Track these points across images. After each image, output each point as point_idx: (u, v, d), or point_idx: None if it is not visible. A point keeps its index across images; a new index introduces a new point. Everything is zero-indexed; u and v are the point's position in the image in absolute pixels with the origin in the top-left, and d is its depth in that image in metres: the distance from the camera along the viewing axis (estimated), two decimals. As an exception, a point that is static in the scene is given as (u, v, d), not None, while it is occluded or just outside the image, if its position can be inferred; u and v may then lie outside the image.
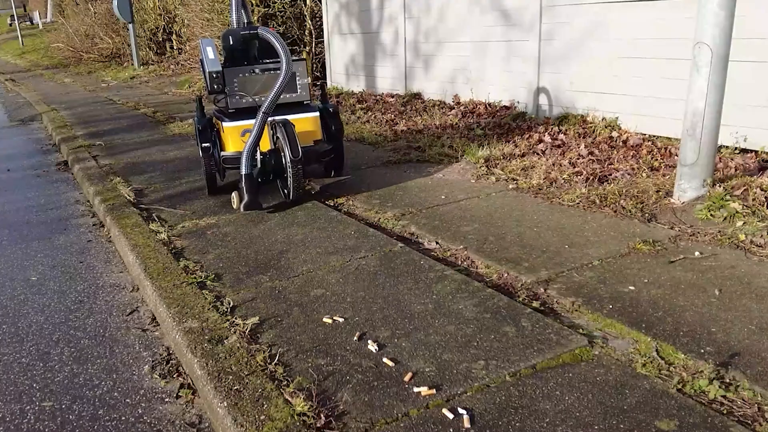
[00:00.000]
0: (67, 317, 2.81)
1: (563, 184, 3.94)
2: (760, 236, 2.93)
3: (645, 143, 4.58)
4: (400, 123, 6.31)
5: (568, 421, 1.77)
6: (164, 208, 4.03)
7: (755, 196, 3.30)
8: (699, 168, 3.44)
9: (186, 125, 7.00)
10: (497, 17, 6.15)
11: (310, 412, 1.85)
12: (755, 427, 1.72)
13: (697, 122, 3.36)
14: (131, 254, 3.21)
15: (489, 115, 6.11)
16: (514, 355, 2.09)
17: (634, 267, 2.74)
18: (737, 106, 4.09)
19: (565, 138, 4.94)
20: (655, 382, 1.93)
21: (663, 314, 2.33)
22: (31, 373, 2.37)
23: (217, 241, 3.34)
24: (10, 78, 15.57)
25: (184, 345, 2.29)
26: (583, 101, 5.36)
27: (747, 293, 2.46)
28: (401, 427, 1.78)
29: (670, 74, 4.60)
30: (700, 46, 3.26)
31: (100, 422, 2.05)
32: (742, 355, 2.05)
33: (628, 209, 3.41)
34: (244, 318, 2.45)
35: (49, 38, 22.04)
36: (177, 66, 13.68)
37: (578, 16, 5.25)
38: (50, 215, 4.36)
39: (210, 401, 2.00)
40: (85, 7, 18.60)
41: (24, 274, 3.33)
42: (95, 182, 4.72)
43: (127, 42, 15.45)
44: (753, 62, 4.06)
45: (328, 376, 2.05)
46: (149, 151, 5.85)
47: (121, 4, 13.49)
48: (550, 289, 2.59)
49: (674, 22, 4.51)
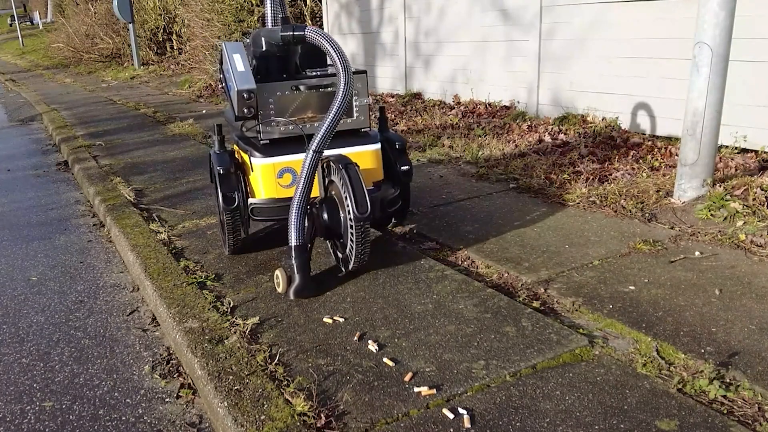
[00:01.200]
0: (67, 317, 2.81)
1: (563, 184, 3.94)
2: (760, 236, 2.93)
3: (645, 143, 4.58)
4: (400, 123, 6.31)
5: (569, 421, 1.77)
6: (164, 208, 4.03)
7: (755, 196, 3.30)
8: (699, 168, 3.44)
9: (186, 125, 7.01)
10: (497, 17, 6.16)
11: (311, 412, 1.85)
12: (755, 427, 1.72)
13: (697, 122, 3.36)
14: (131, 254, 3.21)
15: (489, 114, 6.11)
16: (514, 355, 2.09)
17: (635, 267, 2.74)
18: (737, 105, 4.09)
19: (565, 138, 4.94)
20: (656, 382, 1.93)
21: (663, 314, 2.33)
22: (32, 373, 2.37)
23: (217, 241, 3.34)
24: (11, 78, 15.58)
25: (185, 345, 2.29)
26: (583, 101, 5.36)
27: (747, 293, 2.46)
28: (401, 427, 1.78)
29: (670, 74, 4.60)
30: (700, 46, 3.26)
31: (101, 422, 2.05)
32: (743, 354, 2.05)
33: (628, 209, 3.41)
34: (245, 318, 2.45)
35: (50, 38, 22.05)
36: (177, 66, 13.69)
37: (578, 15, 5.25)
38: (50, 215, 4.37)
39: (210, 401, 2.00)
40: (85, 7, 18.60)
41: (24, 274, 3.33)
42: (95, 182, 4.72)
43: (127, 42, 15.46)
44: (753, 62, 4.06)
45: (329, 376, 2.05)
46: (149, 151, 5.85)
47: (121, 4, 13.49)
48: (551, 289, 2.59)
49: (674, 21, 4.51)
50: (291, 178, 2.86)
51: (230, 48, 2.82)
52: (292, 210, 2.58)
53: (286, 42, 2.70)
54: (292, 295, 2.57)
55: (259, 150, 2.84)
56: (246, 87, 2.68)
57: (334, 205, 2.70)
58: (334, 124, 2.53)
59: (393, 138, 3.12)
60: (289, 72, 2.96)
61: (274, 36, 2.74)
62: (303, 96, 2.87)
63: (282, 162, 2.84)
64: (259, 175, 2.84)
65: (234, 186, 2.88)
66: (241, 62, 2.75)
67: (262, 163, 2.83)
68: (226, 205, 2.84)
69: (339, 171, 2.56)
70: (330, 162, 2.68)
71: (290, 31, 2.65)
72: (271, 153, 2.83)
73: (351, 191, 2.51)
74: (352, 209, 2.50)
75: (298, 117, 2.89)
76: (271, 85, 2.81)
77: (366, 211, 2.50)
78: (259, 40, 2.88)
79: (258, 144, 2.87)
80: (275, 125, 2.86)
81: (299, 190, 2.58)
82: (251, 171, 2.88)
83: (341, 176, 2.55)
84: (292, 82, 2.84)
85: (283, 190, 2.85)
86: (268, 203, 2.86)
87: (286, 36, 2.67)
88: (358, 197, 2.51)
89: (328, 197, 2.76)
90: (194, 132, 6.64)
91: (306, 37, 2.62)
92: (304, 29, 2.62)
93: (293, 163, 2.84)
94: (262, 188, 2.86)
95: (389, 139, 3.11)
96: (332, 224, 2.71)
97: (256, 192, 2.89)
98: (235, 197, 2.85)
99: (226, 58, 2.80)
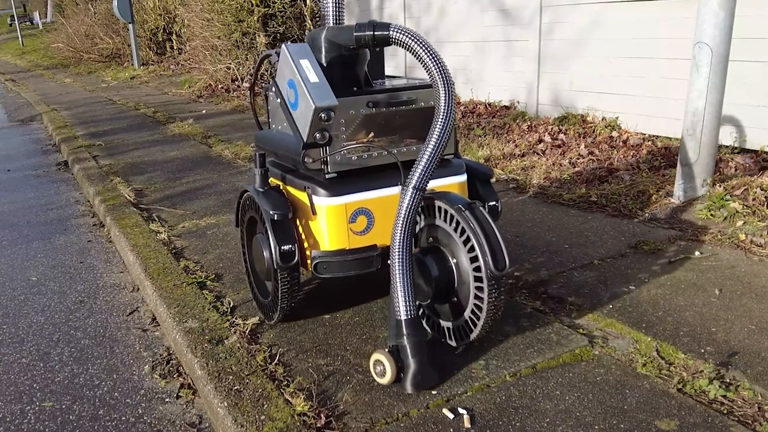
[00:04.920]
0: (67, 317, 2.81)
1: (563, 183, 3.94)
2: (760, 236, 2.93)
3: (645, 143, 4.58)
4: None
5: (569, 421, 1.77)
6: (164, 208, 4.03)
7: (755, 196, 3.30)
8: (699, 168, 3.44)
9: (186, 125, 7.01)
10: (497, 17, 6.16)
11: (311, 412, 1.85)
12: (755, 427, 1.72)
13: (697, 122, 3.36)
14: (131, 254, 3.21)
15: (489, 114, 6.11)
16: (514, 355, 2.09)
17: (634, 267, 2.74)
18: (737, 105, 4.09)
19: (565, 138, 4.94)
20: (656, 381, 1.93)
21: (663, 314, 2.33)
22: (32, 373, 2.37)
23: (217, 241, 3.34)
24: (11, 78, 15.58)
25: (185, 345, 2.29)
26: (583, 101, 5.36)
27: (747, 293, 2.46)
28: (401, 427, 1.78)
29: (670, 74, 4.60)
30: (700, 46, 3.26)
31: (101, 422, 2.05)
32: (742, 354, 2.05)
33: (628, 209, 3.42)
34: (245, 318, 2.45)
35: (49, 38, 22.04)
36: (177, 66, 13.68)
37: (578, 15, 5.25)
38: (50, 215, 4.36)
39: (210, 401, 2.00)
40: (85, 7, 18.60)
41: (24, 274, 3.33)
42: (95, 182, 4.72)
43: (127, 42, 15.46)
44: (753, 62, 4.06)
45: (329, 376, 2.05)
46: (149, 151, 5.85)
47: (121, 4, 13.49)
48: (551, 288, 2.59)
49: (674, 21, 4.51)
50: (366, 223, 2.22)
51: (295, 51, 2.16)
52: (396, 269, 1.98)
53: (361, 45, 2.11)
54: (409, 389, 1.94)
55: (323, 186, 2.17)
56: (326, 104, 2.05)
57: (442, 257, 2.11)
58: (438, 152, 1.97)
59: (475, 167, 2.50)
60: (357, 83, 2.32)
61: (343, 37, 2.17)
62: (382, 114, 2.23)
63: (356, 201, 2.19)
64: (324, 220, 2.18)
65: (293, 236, 2.19)
66: (313, 71, 2.12)
67: (329, 204, 2.17)
68: (284, 262, 2.15)
69: (462, 214, 2.00)
70: (436, 202, 2.10)
71: (368, 30, 2.07)
72: (341, 190, 2.17)
73: (484, 240, 1.95)
74: (486, 264, 1.93)
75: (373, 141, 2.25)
76: (343, 100, 2.14)
77: (505, 266, 1.95)
78: (319, 43, 2.25)
79: (321, 178, 2.20)
80: (346, 155, 2.19)
81: (399, 241, 1.98)
82: (312, 214, 2.21)
83: (466, 220, 1.98)
84: (368, 97, 2.19)
85: (356, 238, 2.21)
86: (338, 256, 2.19)
87: (363, 37, 2.08)
88: (495, 248, 1.95)
89: (431, 247, 2.16)
90: (194, 132, 6.64)
91: (390, 38, 2.04)
92: (389, 27, 2.04)
93: (369, 202, 2.20)
94: (327, 237, 2.20)
95: (471, 167, 2.48)
96: (443, 284, 2.11)
97: (318, 242, 2.22)
98: (295, 252, 2.17)
99: (291, 64, 2.14)
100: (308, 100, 2.05)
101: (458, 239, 2.03)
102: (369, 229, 2.24)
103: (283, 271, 2.19)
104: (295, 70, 2.11)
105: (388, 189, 2.23)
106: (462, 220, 2.00)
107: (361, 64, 2.33)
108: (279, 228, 2.17)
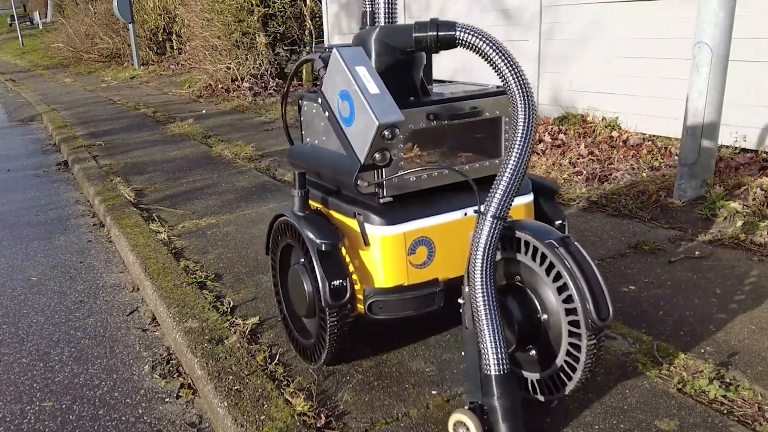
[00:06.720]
0: (67, 317, 2.81)
1: (563, 183, 3.94)
2: (760, 236, 2.93)
3: (645, 143, 4.58)
4: (400, 123, 6.31)
5: (568, 421, 1.77)
6: (164, 208, 4.03)
7: (755, 196, 3.30)
8: (699, 168, 3.44)
9: (186, 125, 7.01)
10: (497, 16, 6.16)
11: (311, 412, 1.85)
12: (755, 427, 1.72)
13: (697, 122, 3.36)
14: (131, 254, 3.21)
15: (489, 114, 6.11)
16: (514, 355, 2.09)
17: (634, 267, 2.74)
18: (737, 105, 4.09)
19: (565, 138, 4.94)
20: (656, 381, 1.93)
21: (663, 314, 2.33)
22: (32, 373, 2.37)
23: (217, 241, 3.34)
24: (10, 78, 15.58)
25: (185, 345, 2.29)
26: (583, 101, 5.36)
27: (747, 293, 2.46)
28: (401, 427, 1.78)
29: (670, 74, 4.60)
30: (700, 46, 3.26)
31: (101, 422, 2.05)
32: (742, 354, 2.05)
33: (628, 209, 3.42)
34: (245, 318, 2.45)
35: (49, 38, 22.04)
36: (177, 66, 13.69)
37: (578, 15, 5.25)
38: (50, 215, 4.36)
39: (210, 401, 2.00)
40: (85, 7, 18.60)
41: (24, 274, 3.33)
42: (95, 182, 4.72)
43: (127, 42, 15.46)
44: (753, 62, 4.06)
45: (329, 376, 2.05)
46: (149, 151, 5.85)
47: (121, 4, 13.49)
48: (550, 289, 2.59)
49: (674, 21, 4.51)
50: (426, 254, 1.93)
51: (350, 57, 1.82)
52: (482, 315, 1.66)
53: (421, 47, 1.84)
54: None
55: (377, 212, 1.87)
56: (391, 119, 1.72)
57: (525, 298, 1.80)
58: (519, 173, 1.68)
59: (539, 181, 2.18)
60: (413, 91, 1.99)
61: (399, 38, 1.90)
62: (443, 128, 1.94)
63: (415, 230, 1.88)
64: (380, 252, 1.88)
65: (345, 270, 1.90)
66: (372, 80, 1.78)
67: (385, 234, 1.86)
68: (335, 300, 1.85)
69: (554, 251, 1.67)
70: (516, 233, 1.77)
71: (430, 30, 1.80)
72: (398, 217, 1.87)
73: (585, 285, 1.62)
74: (587, 313, 1.61)
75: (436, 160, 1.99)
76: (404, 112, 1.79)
77: (608, 316, 1.63)
78: (369, 45, 1.95)
79: (375, 203, 1.90)
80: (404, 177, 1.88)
81: (482, 281, 1.68)
82: (365, 245, 1.89)
83: (561, 260, 1.66)
84: (428, 108, 1.89)
85: (415, 271, 1.91)
86: (396, 294, 1.89)
87: (424, 38, 1.81)
88: (597, 295, 1.63)
89: (510, 285, 1.84)
90: (194, 132, 6.64)
91: (456, 39, 1.76)
92: (455, 28, 1.76)
93: (430, 230, 1.91)
94: (382, 272, 1.89)
95: (534, 182, 2.16)
96: (523, 329, 1.79)
97: (372, 277, 1.91)
98: (347, 288, 1.87)
99: (345, 72, 1.80)
100: (369, 115, 1.72)
101: (547, 279, 1.71)
102: (430, 261, 1.94)
103: (333, 309, 1.90)
104: (351, 79, 1.78)
105: (449, 214, 1.94)
106: (556, 261, 1.67)
107: (417, 69, 2.00)
108: (327, 260, 1.87)
